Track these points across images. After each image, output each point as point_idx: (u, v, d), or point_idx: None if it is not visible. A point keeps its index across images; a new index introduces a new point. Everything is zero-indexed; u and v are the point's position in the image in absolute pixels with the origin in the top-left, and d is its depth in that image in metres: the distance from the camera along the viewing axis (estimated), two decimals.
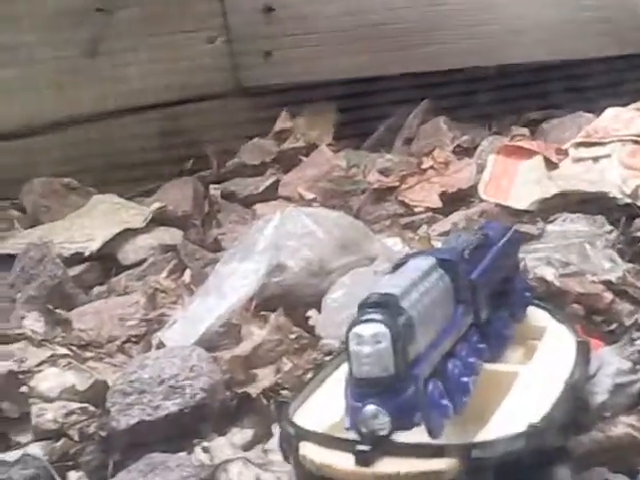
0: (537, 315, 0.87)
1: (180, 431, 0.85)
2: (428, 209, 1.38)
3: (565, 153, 1.38)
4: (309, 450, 0.66)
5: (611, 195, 1.25)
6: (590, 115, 1.50)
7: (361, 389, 0.64)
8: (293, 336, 0.96)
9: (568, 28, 1.58)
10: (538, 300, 0.89)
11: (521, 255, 0.96)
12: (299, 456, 0.66)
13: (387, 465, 0.63)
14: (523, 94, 1.62)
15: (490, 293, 0.79)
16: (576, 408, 0.73)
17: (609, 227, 1.20)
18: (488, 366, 0.76)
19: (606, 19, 1.56)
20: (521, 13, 1.62)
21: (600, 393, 0.78)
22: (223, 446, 0.81)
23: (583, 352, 0.78)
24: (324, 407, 0.72)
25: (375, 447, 0.63)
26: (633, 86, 1.52)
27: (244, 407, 0.89)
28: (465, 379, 0.70)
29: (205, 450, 0.81)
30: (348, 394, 0.65)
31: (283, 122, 1.79)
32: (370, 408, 0.63)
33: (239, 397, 0.89)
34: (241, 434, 0.84)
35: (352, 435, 0.65)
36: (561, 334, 0.83)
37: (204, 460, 0.79)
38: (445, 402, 0.66)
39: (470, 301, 0.76)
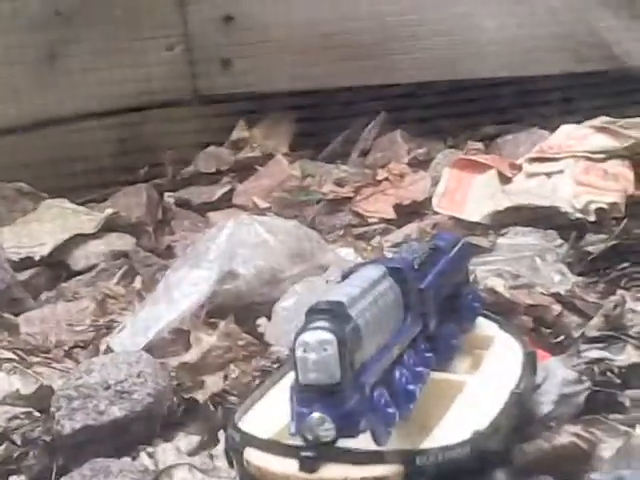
0: (485, 325, 0.87)
1: (126, 436, 0.84)
2: (382, 220, 1.38)
3: (519, 168, 1.40)
4: (253, 456, 0.66)
5: (563, 210, 1.26)
6: (544, 131, 1.52)
7: (307, 396, 0.64)
8: (242, 343, 0.96)
9: (525, 44, 1.60)
10: (487, 311, 0.90)
11: (472, 267, 0.97)
12: (244, 462, 0.66)
13: (332, 471, 0.63)
14: (479, 109, 1.63)
15: (439, 303, 0.79)
16: (521, 417, 0.74)
17: (560, 241, 1.22)
18: (435, 375, 0.76)
19: (563, 35, 1.57)
20: (479, 28, 1.63)
21: (546, 403, 0.79)
22: (168, 451, 0.80)
23: (530, 362, 0.79)
24: (270, 414, 0.72)
25: (320, 453, 0.63)
26: (588, 103, 1.53)
27: (191, 413, 0.88)
28: (411, 387, 0.70)
29: (150, 455, 0.80)
30: (294, 400, 0.64)
31: (240, 131, 1.79)
32: (315, 415, 0.63)
33: (186, 403, 0.89)
34: (187, 440, 0.83)
35: (297, 441, 0.64)
36: (508, 344, 0.83)
37: (149, 465, 0.79)
38: (391, 410, 0.66)
39: (419, 310, 0.76)
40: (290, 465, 0.64)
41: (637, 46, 1.57)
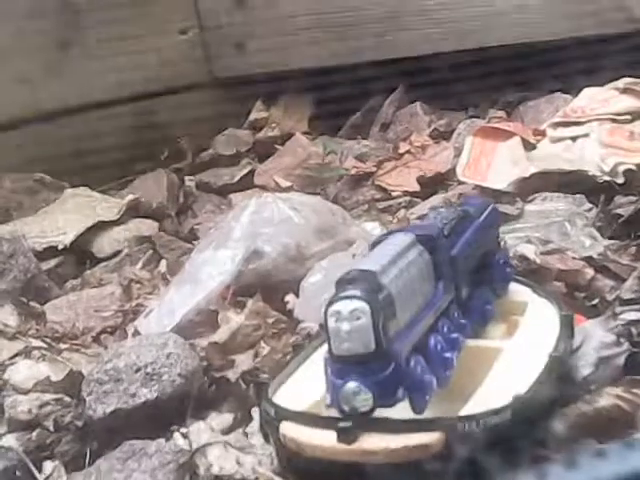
0: (519, 291, 0.85)
1: (158, 418, 0.83)
2: (406, 193, 1.36)
3: (543, 133, 1.37)
4: (290, 429, 0.64)
5: (590, 173, 1.24)
6: (567, 96, 1.49)
7: (341, 366, 0.62)
8: (271, 320, 0.95)
9: (543, 9, 1.57)
10: (519, 276, 0.88)
11: (501, 235, 0.95)
12: (280, 436, 0.65)
13: (371, 441, 0.62)
14: (499, 77, 1.61)
15: (471, 269, 0.78)
16: (561, 381, 0.72)
17: (588, 205, 1.20)
18: (471, 342, 0.74)
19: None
20: None
21: (585, 366, 0.77)
22: (202, 431, 0.79)
23: (567, 326, 0.77)
24: (304, 386, 0.71)
25: (358, 424, 0.62)
26: (609, 66, 1.51)
27: (223, 392, 0.87)
28: (448, 354, 0.68)
29: (184, 436, 0.79)
30: (328, 372, 0.63)
31: (258, 112, 1.77)
32: (351, 385, 0.62)
33: (217, 382, 0.88)
34: (220, 419, 0.82)
35: (334, 413, 0.63)
36: (544, 308, 0.81)
37: (183, 446, 0.78)
38: (428, 377, 0.65)
39: (451, 277, 0.75)
40: (328, 437, 0.63)
41: None
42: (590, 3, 1.54)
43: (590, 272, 1.00)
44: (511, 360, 0.72)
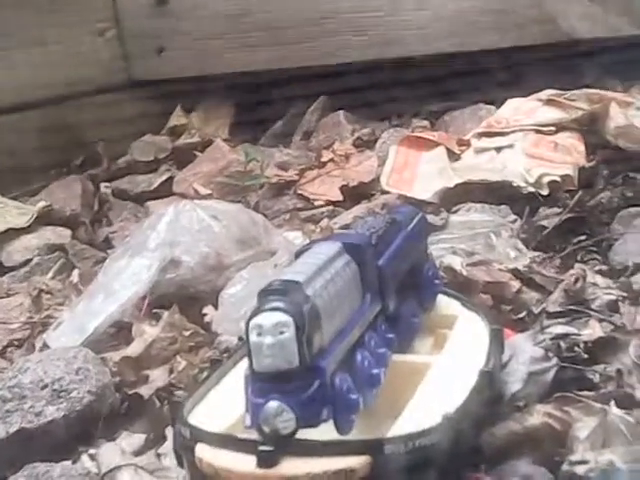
0: (447, 303, 0.82)
1: (65, 438, 0.78)
2: (329, 202, 1.34)
3: (467, 144, 1.36)
4: (206, 453, 0.60)
5: (515, 184, 1.23)
6: (491, 106, 1.49)
7: (263, 384, 0.58)
8: (188, 333, 0.91)
9: (468, 18, 1.56)
10: (447, 289, 0.85)
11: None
12: (195, 460, 0.60)
13: (293, 466, 0.58)
14: (423, 87, 1.59)
15: (399, 280, 0.74)
16: (491, 398, 0.69)
17: (513, 216, 1.19)
18: (398, 357, 0.71)
19: (506, 11, 1.54)
20: (421, 4, 1.59)
21: (514, 382, 0.74)
22: (112, 452, 0.74)
23: (496, 340, 0.74)
24: (222, 406, 0.66)
25: (279, 447, 0.58)
26: (533, 77, 1.50)
27: (135, 410, 0.83)
28: (375, 371, 0.65)
29: (92, 457, 0.74)
30: (248, 390, 0.59)
31: (177, 117, 1.73)
32: (273, 404, 0.58)
33: (130, 399, 0.83)
34: (132, 439, 0.78)
35: (253, 435, 0.59)
36: (472, 322, 0.78)
37: (91, 468, 0.73)
38: (354, 396, 0.61)
39: (378, 288, 0.71)
40: (247, 461, 0.58)
41: (582, 18, 1.55)
42: (514, 14, 1.54)
43: (516, 284, 0.99)
44: (440, 376, 0.69)
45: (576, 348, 0.82)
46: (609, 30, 1.49)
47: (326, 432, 0.60)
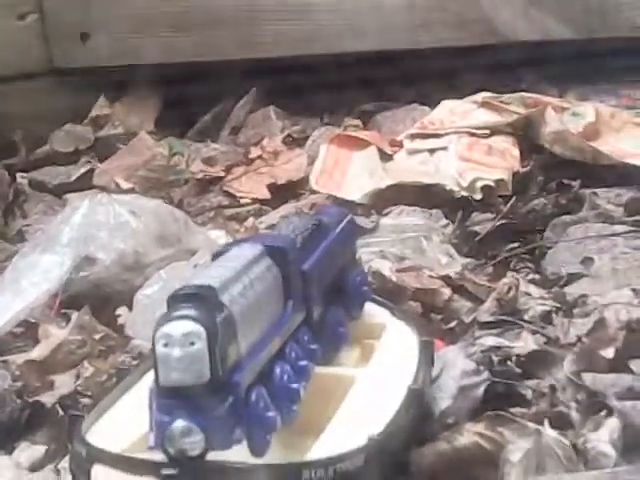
0: (375, 312, 0.78)
1: None
2: (255, 200, 1.30)
3: (400, 144, 1.33)
4: (103, 475, 0.54)
5: (447, 188, 1.20)
6: (425, 107, 1.46)
7: (169, 400, 0.53)
8: (98, 336, 0.85)
9: (404, 17, 1.53)
10: (375, 296, 0.80)
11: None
12: None
13: None
14: (356, 84, 1.56)
15: (324, 286, 0.70)
16: (419, 416, 0.64)
17: (445, 221, 1.16)
18: (321, 369, 0.66)
19: (444, 10, 1.51)
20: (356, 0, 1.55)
21: (444, 398, 0.70)
22: (6, 467, 0.68)
23: (426, 353, 0.70)
24: (125, 422, 0.61)
25: (185, 470, 0.52)
26: (469, 79, 1.48)
27: (37, 419, 0.76)
28: (295, 385, 0.60)
29: None
30: (153, 406, 0.53)
31: (100, 108, 1.66)
32: (179, 423, 0.52)
33: (31, 407, 0.77)
34: (30, 451, 0.71)
35: (157, 456, 0.53)
36: (401, 333, 0.74)
37: None
38: (271, 414, 0.56)
39: (301, 295, 0.66)
40: None
41: (519, 20, 1.53)
42: (452, 14, 1.51)
43: (447, 292, 0.96)
44: (365, 391, 0.64)
45: (508, 362, 0.78)
46: (546, 34, 1.47)
47: (239, 453, 0.54)
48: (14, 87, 1.64)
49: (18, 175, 1.49)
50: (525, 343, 0.82)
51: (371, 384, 0.65)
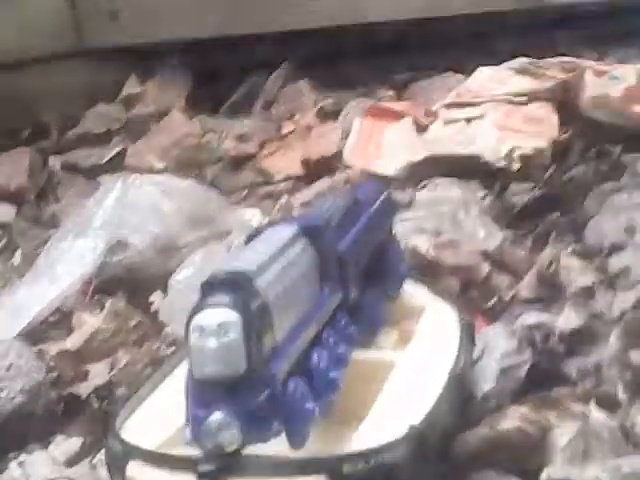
0: (414, 292, 0.76)
1: None
2: (289, 177, 1.27)
3: (435, 115, 1.30)
4: (139, 472, 0.53)
5: (485, 158, 1.16)
6: (460, 75, 1.43)
7: (205, 393, 0.51)
8: (133, 324, 0.83)
9: None
10: (413, 274, 0.78)
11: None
12: (127, 479, 0.53)
13: None
14: (390, 55, 1.53)
15: (361, 267, 0.68)
16: (461, 401, 0.63)
17: (483, 192, 1.13)
18: (359, 353, 0.64)
19: None
20: None
21: (485, 380, 0.68)
22: (42, 462, 0.67)
23: (467, 335, 0.68)
24: (160, 416, 0.59)
25: (223, 466, 0.51)
26: (505, 44, 1.44)
27: (72, 410, 0.75)
28: (333, 374, 0.58)
29: (21, 466, 0.67)
30: (189, 400, 0.52)
31: (131, 87, 1.66)
32: (216, 417, 0.51)
33: (66, 399, 0.76)
34: (66, 444, 0.71)
35: (194, 451, 0.52)
36: (441, 314, 0.72)
37: (19, 478, 0.65)
38: (309, 405, 0.54)
39: (338, 277, 0.64)
40: None
41: None
42: None
43: (486, 267, 0.93)
44: (405, 377, 0.62)
45: (551, 339, 0.76)
46: None
47: (278, 446, 0.53)
48: (45, 68, 1.63)
49: (50, 158, 1.48)
50: (567, 319, 0.80)
51: (411, 369, 0.64)
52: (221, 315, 0.52)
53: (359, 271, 0.68)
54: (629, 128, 1.19)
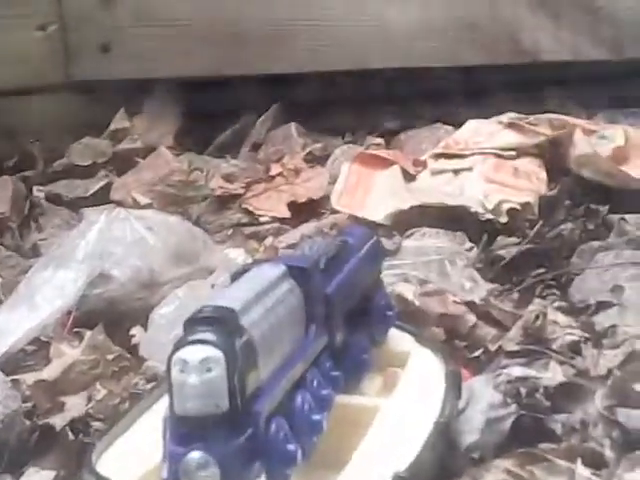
0: (399, 338, 0.75)
1: None
2: (275, 219, 1.27)
3: (423, 164, 1.30)
4: None
5: (472, 210, 1.17)
6: (449, 127, 1.43)
7: (184, 430, 0.50)
8: (111, 357, 0.82)
9: (430, 35, 1.50)
10: (399, 321, 0.77)
11: None
12: None
13: None
14: (379, 102, 1.54)
15: (348, 310, 0.67)
16: (445, 451, 0.61)
17: (469, 244, 1.13)
18: (343, 398, 0.63)
19: (471, 28, 1.48)
20: (382, 17, 1.53)
21: (470, 432, 0.67)
22: None
23: (453, 384, 0.67)
24: (137, 451, 0.58)
25: None
26: (495, 98, 1.45)
27: (46, 442, 0.74)
28: (317, 417, 0.57)
29: None
30: (167, 436, 0.50)
31: (119, 121, 1.64)
32: (195, 455, 0.49)
33: (41, 429, 0.74)
34: (39, 477, 0.69)
35: None
36: (427, 361, 0.71)
37: None
38: (291, 447, 0.53)
39: (324, 319, 0.63)
40: None
41: (546, 41, 1.50)
42: (479, 32, 1.49)
43: (472, 318, 0.93)
44: (389, 423, 0.61)
45: (536, 394, 0.75)
46: (575, 54, 1.44)
47: None
48: (32, 99, 1.62)
49: (35, 188, 1.46)
50: (553, 374, 0.79)
51: (395, 415, 0.62)
52: (205, 351, 0.51)
53: (346, 314, 0.67)
54: (617, 187, 1.19)
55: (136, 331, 0.90)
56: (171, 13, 1.62)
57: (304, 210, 1.28)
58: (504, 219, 1.16)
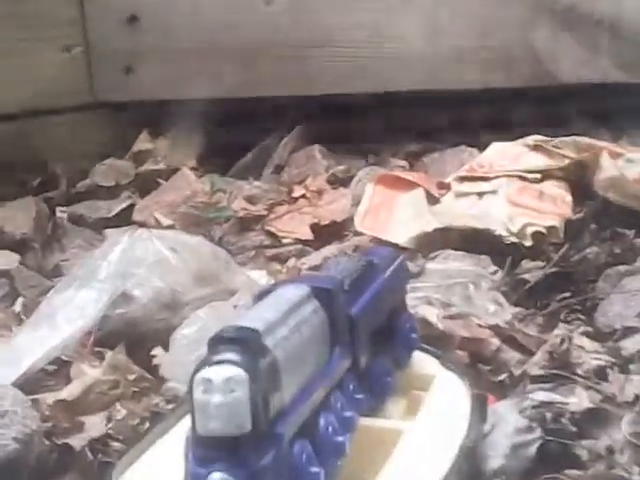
0: (423, 361, 0.74)
1: None
2: (298, 241, 1.26)
3: (447, 187, 1.29)
4: None
5: (496, 233, 1.16)
6: (473, 149, 1.42)
7: (207, 451, 0.49)
8: (132, 377, 0.81)
9: (454, 57, 1.50)
10: (424, 344, 0.76)
11: None
12: None
13: None
14: (403, 124, 1.53)
15: (372, 332, 0.66)
16: (470, 476, 0.60)
17: (494, 267, 1.12)
18: (366, 421, 0.62)
19: (495, 50, 1.48)
20: (407, 39, 1.53)
21: (495, 456, 0.66)
22: None
23: (479, 408, 0.66)
24: (158, 471, 0.57)
25: None
26: (520, 121, 1.44)
27: (65, 462, 0.73)
28: (340, 438, 0.56)
29: None
30: (189, 456, 0.50)
31: (143, 142, 1.65)
32: (216, 477, 0.48)
33: (60, 450, 0.73)
34: None
35: None
36: (451, 385, 0.70)
37: None
38: (315, 469, 0.52)
39: (349, 341, 0.63)
40: None
41: (569, 63, 1.49)
42: (503, 55, 1.48)
43: (496, 342, 0.91)
44: (413, 447, 0.60)
45: (562, 419, 0.74)
46: (602, 77, 1.43)
47: None
48: (57, 120, 1.63)
49: (58, 209, 1.47)
50: (579, 400, 0.78)
51: (419, 439, 0.61)
52: (228, 371, 0.50)
53: (370, 337, 0.66)
54: None
55: (157, 352, 0.89)
56: (194, 35, 1.62)
57: (327, 232, 1.27)
58: (529, 242, 1.15)
